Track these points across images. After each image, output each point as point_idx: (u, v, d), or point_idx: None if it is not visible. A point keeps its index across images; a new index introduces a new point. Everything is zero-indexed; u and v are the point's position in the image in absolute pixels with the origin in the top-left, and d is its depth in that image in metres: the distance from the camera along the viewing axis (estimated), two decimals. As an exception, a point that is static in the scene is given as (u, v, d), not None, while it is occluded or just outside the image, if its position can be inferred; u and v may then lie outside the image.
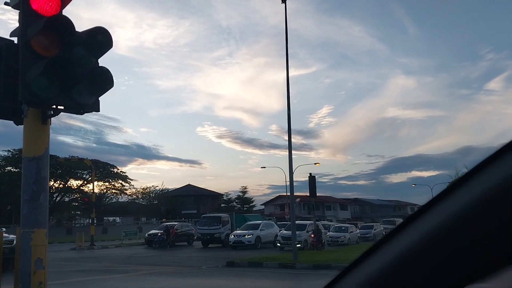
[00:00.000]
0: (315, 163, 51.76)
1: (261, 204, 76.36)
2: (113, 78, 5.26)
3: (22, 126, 5.19)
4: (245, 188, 69.22)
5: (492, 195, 0.68)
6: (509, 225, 0.64)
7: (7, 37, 5.12)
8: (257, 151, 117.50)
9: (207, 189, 70.05)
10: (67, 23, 4.85)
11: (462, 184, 0.73)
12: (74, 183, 56.45)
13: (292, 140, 19.16)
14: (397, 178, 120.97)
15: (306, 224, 27.36)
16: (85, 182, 55.99)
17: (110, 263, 19.85)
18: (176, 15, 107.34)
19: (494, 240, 0.67)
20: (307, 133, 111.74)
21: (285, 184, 62.68)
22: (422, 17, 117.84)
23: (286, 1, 19.41)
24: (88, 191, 50.85)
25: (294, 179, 19.62)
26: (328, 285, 0.93)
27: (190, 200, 65.31)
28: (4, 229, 15.18)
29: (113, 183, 59.26)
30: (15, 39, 5.06)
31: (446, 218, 0.73)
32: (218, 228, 31.22)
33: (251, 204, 69.29)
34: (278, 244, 26.93)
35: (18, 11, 5.03)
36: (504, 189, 0.66)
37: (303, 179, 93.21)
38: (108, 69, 5.20)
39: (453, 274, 0.72)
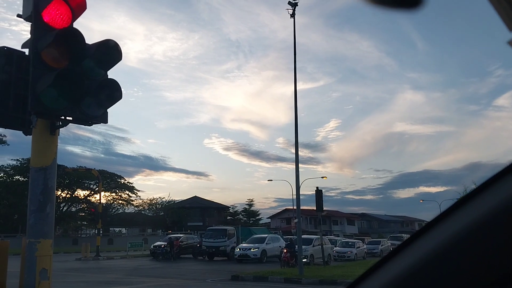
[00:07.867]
0: (322, 177, 51.86)
1: (267, 217, 75.95)
2: (122, 90, 5.30)
3: (31, 136, 5.23)
4: (252, 200, 69.19)
5: (501, 211, 0.67)
6: None
7: (19, 48, 5.19)
8: (264, 164, 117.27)
9: (213, 201, 69.88)
10: (78, 36, 4.91)
11: (469, 200, 0.73)
12: (81, 193, 56.56)
13: (299, 153, 19.15)
14: (404, 193, 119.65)
15: (313, 239, 27.13)
16: (92, 192, 56.11)
17: (115, 274, 19.76)
18: (186, 28, 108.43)
19: (504, 258, 0.66)
20: (315, 147, 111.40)
21: (291, 198, 62.43)
22: (431, 32, 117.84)
23: (295, 16, 19.59)
24: (95, 202, 50.92)
25: (300, 193, 19.54)
26: None
27: (196, 212, 65.15)
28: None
29: (120, 193, 59.34)
30: (26, 51, 5.13)
31: (453, 234, 0.72)
32: (223, 241, 31.06)
33: (257, 217, 69.03)
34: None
35: (30, 23, 5.11)
36: None
37: (310, 193, 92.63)
38: (117, 82, 5.24)
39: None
